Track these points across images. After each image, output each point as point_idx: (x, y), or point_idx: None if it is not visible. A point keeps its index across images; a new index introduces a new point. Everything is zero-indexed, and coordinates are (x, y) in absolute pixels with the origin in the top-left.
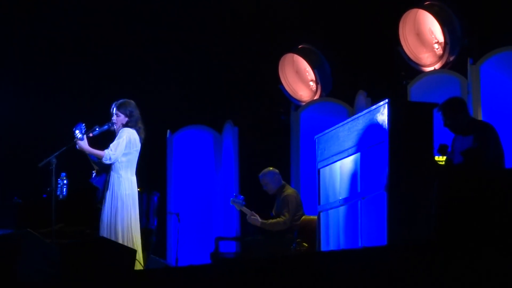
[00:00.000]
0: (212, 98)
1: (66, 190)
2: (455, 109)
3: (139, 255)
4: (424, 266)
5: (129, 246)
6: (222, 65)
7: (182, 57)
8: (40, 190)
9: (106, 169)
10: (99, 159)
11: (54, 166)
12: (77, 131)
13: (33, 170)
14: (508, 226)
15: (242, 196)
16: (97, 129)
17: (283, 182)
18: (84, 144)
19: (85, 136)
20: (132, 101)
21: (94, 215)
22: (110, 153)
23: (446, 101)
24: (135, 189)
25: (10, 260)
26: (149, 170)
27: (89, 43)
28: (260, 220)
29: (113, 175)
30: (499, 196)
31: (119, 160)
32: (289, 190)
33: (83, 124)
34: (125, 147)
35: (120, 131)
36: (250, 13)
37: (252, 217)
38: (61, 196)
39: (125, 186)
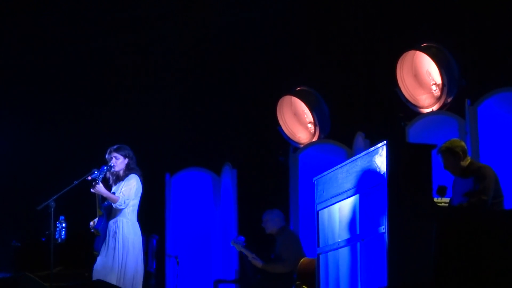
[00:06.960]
0: (211, 141)
1: (65, 233)
2: (454, 152)
3: None
4: None
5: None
6: (220, 108)
7: (180, 100)
8: (38, 233)
9: (110, 215)
10: (112, 203)
11: (52, 209)
12: (99, 175)
13: (32, 213)
14: (507, 267)
15: (243, 237)
16: (96, 172)
17: (284, 223)
18: (101, 187)
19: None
20: (126, 145)
21: (93, 258)
22: (125, 198)
23: (445, 143)
24: (140, 233)
25: None
26: (147, 213)
27: (88, 85)
28: (261, 262)
29: (121, 220)
30: (499, 237)
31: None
32: (290, 235)
33: (105, 167)
34: (134, 193)
35: (128, 177)
36: (248, 55)
37: (253, 260)
38: (59, 240)
39: (134, 230)
